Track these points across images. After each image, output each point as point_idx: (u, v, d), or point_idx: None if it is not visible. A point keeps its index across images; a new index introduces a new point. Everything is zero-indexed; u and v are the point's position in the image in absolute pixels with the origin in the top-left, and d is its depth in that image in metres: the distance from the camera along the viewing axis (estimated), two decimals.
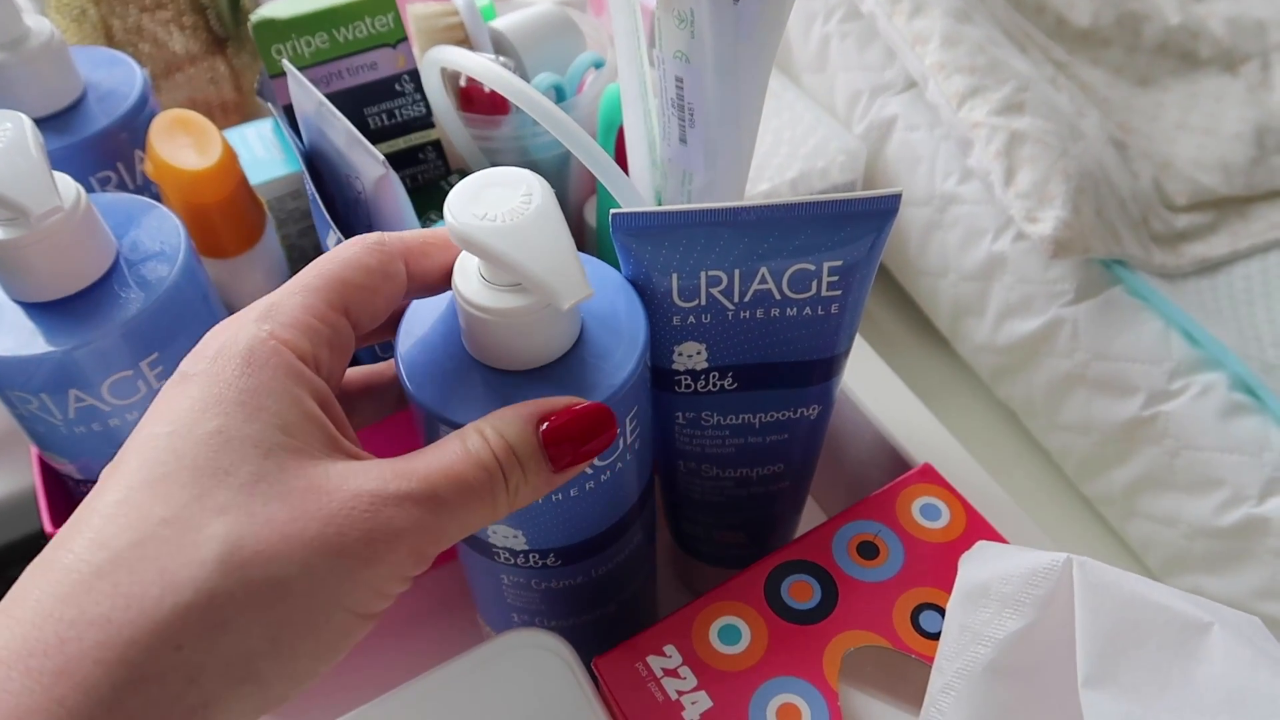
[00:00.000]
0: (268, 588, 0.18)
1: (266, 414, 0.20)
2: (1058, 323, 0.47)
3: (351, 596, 0.20)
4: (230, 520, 0.19)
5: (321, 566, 0.19)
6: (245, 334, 0.21)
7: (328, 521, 0.19)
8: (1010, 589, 0.23)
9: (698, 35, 0.29)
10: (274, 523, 0.19)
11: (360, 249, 0.24)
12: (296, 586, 0.19)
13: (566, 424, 0.23)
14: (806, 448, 0.35)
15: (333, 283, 0.23)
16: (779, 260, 0.28)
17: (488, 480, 0.22)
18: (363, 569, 0.20)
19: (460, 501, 0.21)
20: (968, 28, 0.52)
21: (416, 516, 0.20)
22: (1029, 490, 0.50)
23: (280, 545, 0.19)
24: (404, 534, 0.20)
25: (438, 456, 0.22)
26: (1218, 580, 0.43)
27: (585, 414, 0.23)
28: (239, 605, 0.18)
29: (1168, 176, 0.54)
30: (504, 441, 0.22)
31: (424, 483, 0.21)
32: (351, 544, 0.19)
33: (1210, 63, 0.62)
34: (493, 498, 0.22)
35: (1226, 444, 0.42)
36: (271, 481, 0.19)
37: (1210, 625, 0.21)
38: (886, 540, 0.31)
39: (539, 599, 0.31)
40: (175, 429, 0.20)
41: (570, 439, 0.23)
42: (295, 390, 0.21)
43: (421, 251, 0.25)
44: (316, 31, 0.37)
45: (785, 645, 0.28)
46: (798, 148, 0.54)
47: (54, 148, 0.36)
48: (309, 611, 0.19)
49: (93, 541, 0.18)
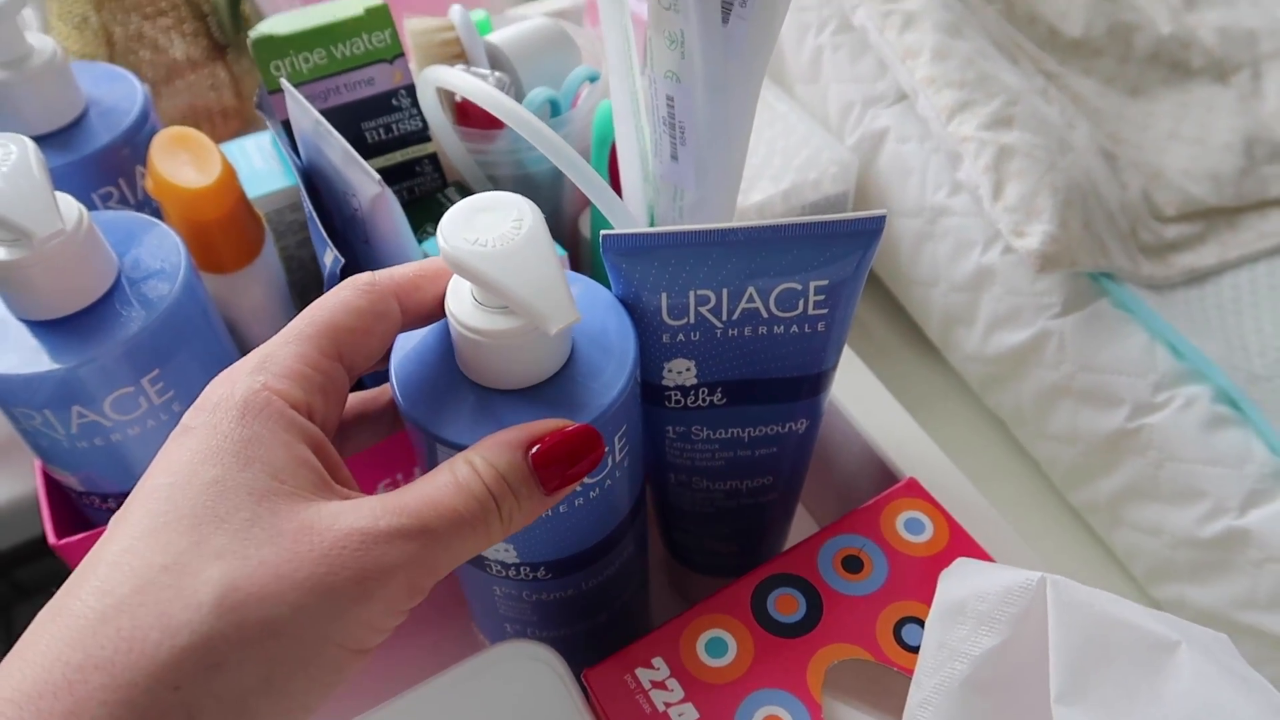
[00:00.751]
0: (261, 628, 0.19)
1: (260, 462, 0.21)
2: (1045, 335, 0.48)
3: (343, 633, 0.20)
4: (225, 565, 0.19)
5: (313, 606, 0.20)
6: (241, 386, 0.22)
7: (319, 561, 0.20)
8: (986, 607, 0.23)
9: (688, 55, 0.29)
10: (267, 565, 0.20)
11: (351, 292, 0.24)
12: (289, 626, 0.19)
13: (555, 447, 0.23)
14: (795, 460, 0.35)
15: (325, 330, 0.23)
16: (766, 279, 0.28)
17: (480, 510, 0.22)
18: (354, 606, 0.20)
19: (453, 533, 0.22)
20: (958, 41, 0.52)
21: (408, 551, 0.21)
22: (1016, 498, 0.51)
23: (273, 586, 0.19)
24: (396, 569, 0.21)
25: (428, 489, 0.22)
26: (1200, 590, 0.43)
27: (573, 436, 0.24)
28: (233, 646, 0.19)
29: (1157, 187, 0.55)
30: (494, 470, 0.23)
31: (415, 517, 0.21)
32: (343, 583, 0.20)
33: (1201, 72, 0.62)
34: (486, 526, 0.22)
35: (1209, 456, 0.43)
36: (265, 525, 0.20)
37: (1178, 644, 0.22)
38: (871, 554, 0.31)
39: (530, 610, 0.32)
40: (175, 480, 0.21)
41: (559, 461, 0.23)
42: (287, 437, 0.22)
43: (414, 286, 0.26)
44: (315, 48, 0.37)
45: (771, 658, 0.29)
46: (790, 159, 0.54)
47: (56, 165, 0.37)
48: (301, 649, 0.20)
49: (98, 589, 0.19)
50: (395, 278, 0.25)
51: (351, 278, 0.25)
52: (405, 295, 0.25)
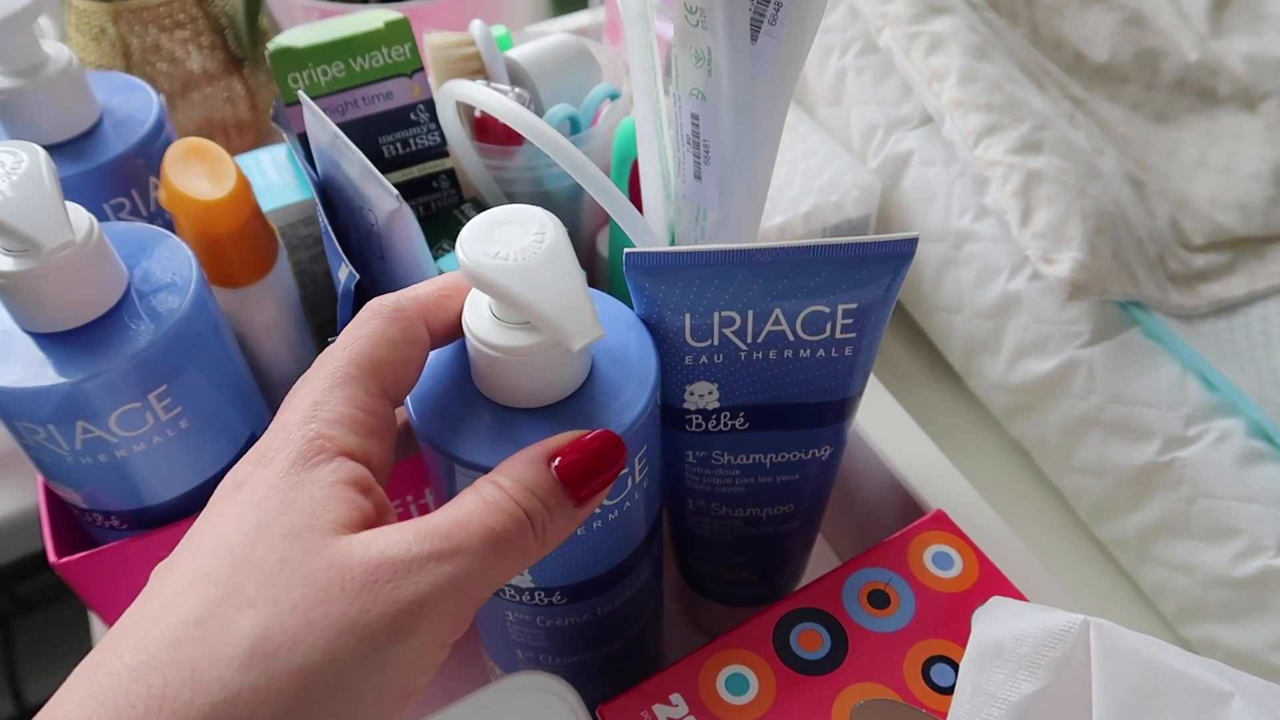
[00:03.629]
0: (293, 678, 0.18)
1: (300, 504, 0.20)
2: (1073, 364, 0.46)
3: (382, 677, 0.19)
4: (257, 613, 0.19)
5: (346, 650, 0.19)
6: (293, 437, 0.22)
7: (352, 600, 0.19)
8: (1025, 650, 0.22)
9: (714, 74, 0.29)
10: (299, 609, 0.19)
11: (382, 324, 0.24)
12: (323, 674, 0.19)
13: (579, 457, 0.23)
14: (817, 488, 0.34)
15: (368, 369, 0.23)
16: (793, 301, 0.28)
17: (514, 525, 0.21)
18: (392, 645, 0.19)
19: (490, 550, 0.21)
20: (985, 64, 0.52)
21: (444, 574, 0.20)
22: (1041, 531, 0.50)
23: (305, 632, 0.19)
24: (433, 597, 0.20)
25: (458, 510, 0.21)
26: (1233, 630, 0.42)
27: (594, 442, 0.23)
28: (264, 699, 0.18)
29: (1185, 215, 0.54)
30: (521, 485, 0.22)
31: (447, 539, 0.21)
32: (376, 619, 0.19)
33: (1229, 100, 0.61)
34: (523, 542, 0.22)
35: (1244, 493, 0.42)
36: (296, 565, 0.19)
37: (1231, 695, 0.21)
38: (898, 589, 0.30)
39: (544, 636, 0.31)
40: (220, 532, 0.20)
41: (583, 471, 0.23)
42: (334, 479, 0.21)
43: (439, 306, 0.25)
44: (333, 60, 0.37)
45: (794, 696, 0.28)
46: (812, 181, 0.54)
47: (69, 174, 0.36)
48: (337, 697, 0.19)
49: (135, 645, 0.19)
50: (421, 300, 0.25)
51: (376, 303, 0.24)
52: (431, 316, 0.25)
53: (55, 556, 0.32)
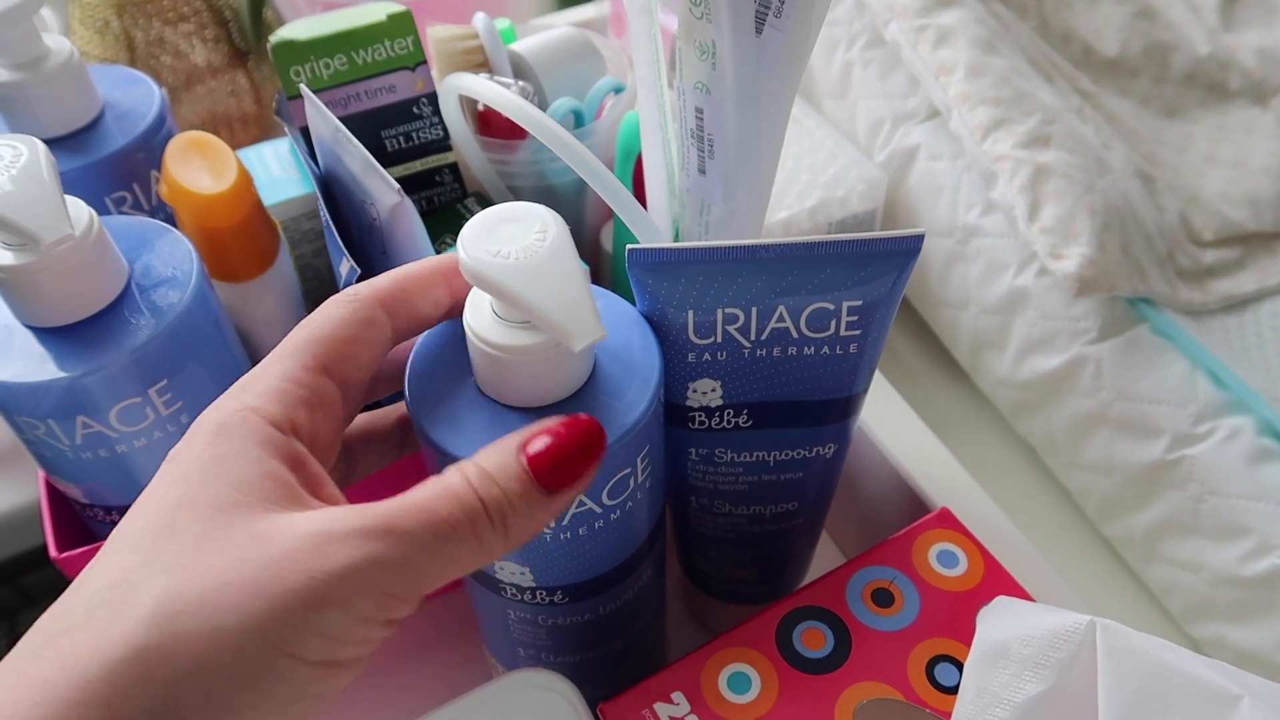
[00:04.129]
0: (199, 638, 0.18)
1: (225, 477, 0.20)
2: (1081, 361, 0.46)
3: (296, 642, 0.19)
4: (168, 576, 0.19)
5: (256, 614, 0.18)
6: (219, 410, 0.22)
7: (266, 566, 0.19)
8: (1030, 651, 0.22)
9: (719, 67, 0.28)
10: (210, 573, 0.19)
11: (331, 304, 0.24)
12: (231, 637, 0.18)
13: (549, 445, 0.22)
14: (821, 486, 0.34)
15: (307, 343, 0.23)
16: (797, 298, 0.27)
17: (460, 510, 0.21)
18: (306, 611, 0.19)
19: (429, 534, 0.20)
20: (993, 58, 0.51)
21: (368, 551, 0.20)
22: (1047, 528, 0.49)
23: (215, 595, 0.18)
24: (353, 571, 0.19)
25: (410, 493, 0.21)
26: (1241, 630, 0.41)
27: (568, 429, 0.22)
28: (167, 658, 0.18)
29: (1195, 210, 0.53)
30: (482, 471, 0.21)
31: (380, 518, 0.20)
32: (290, 585, 0.19)
33: (1240, 94, 0.61)
34: (474, 529, 0.21)
35: (1253, 491, 0.41)
36: (216, 536, 0.19)
37: (1240, 698, 0.20)
38: (902, 588, 0.30)
39: (545, 635, 0.31)
40: (147, 503, 0.21)
41: (557, 458, 0.22)
42: (259, 453, 0.21)
43: (400, 292, 0.25)
44: (335, 54, 0.37)
45: (796, 695, 0.28)
46: (818, 175, 0.53)
47: (70, 168, 0.36)
48: (246, 660, 0.19)
49: (54, 613, 0.19)
50: (377, 286, 0.25)
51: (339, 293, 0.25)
52: (393, 303, 0.25)
53: (56, 551, 0.32)
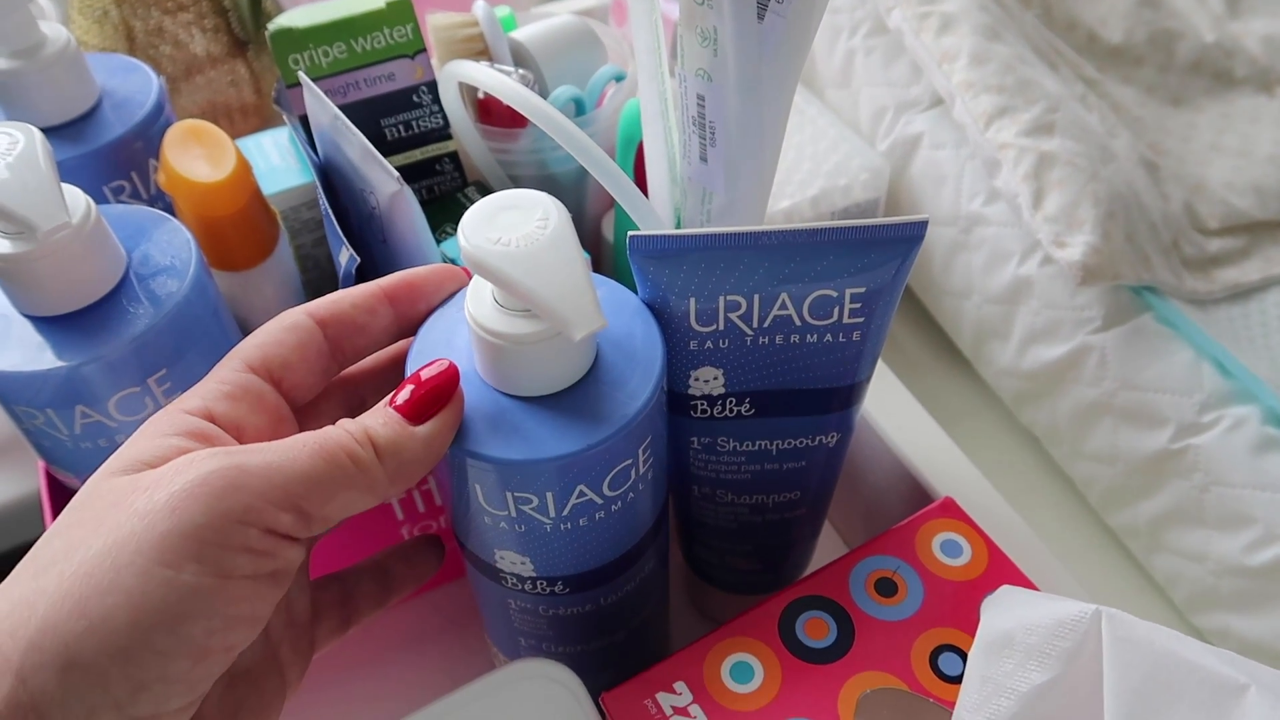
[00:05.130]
0: (75, 577, 0.20)
1: (128, 453, 0.22)
2: (1085, 350, 0.46)
3: (172, 557, 0.20)
4: (60, 537, 0.21)
5: (123, 537, 0.20)
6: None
7: (135, 499, 0.20)
8: (1035, 640, 0.22)
9: (721, 53, 0.28)
10: (89, 522, 0.21)
11: (271, 320, 0.26)
12: (101, 569, 0.20)
13: (412, 394, 0.24)
14: (824, 475, 0.34)
15: (235, 350, 0.25)
16: (800, 285, 0.27)
17: (329, 432, 0.23)
18: (171, 519, 0.20)
19: (295, 446, 0.22)
20: (997, 45, 0.51)
21: (223, 461, 0.21)
22: (1051, 518, 0.49)
23: (90, 537, 0.20)
24: (211, 479, 0.20)
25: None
26: (1246, 620, 0.41)
27: (428, 376, 0.24)
28: (47, 597, 0.20)
29: (1200, 199, 0.53)
30: (356, 421, 0.24)
31: (216, 441, 0.23)
32: (154, 505, 0.20)
33: (1245, 82, 0.60)
34: (342, 447, 0.22)
35: (1258, 480, 0.41)
36: (103, 493, 0.21)
37: (1246, 687, 0.20)
38: (905, 577, 0.30)
39: (546, 625, 0.31)
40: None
41: (420, 404, 0.24)
42: (157, 431, 0.23)
43: (331, 302, 0.26)
44: (334, 41, 0.36)
45: (799, 684, 0.28)
46: (820, 164, 0.53)
47: (67, 156, 0.36)
48: (117, 592, 0.19)
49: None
50: (323, 305, 0.26)
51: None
52: (320, 309, 0.26)
53: None
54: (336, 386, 0.28)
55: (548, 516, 0.26)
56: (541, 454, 0.24)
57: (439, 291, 0.27)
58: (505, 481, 0.25)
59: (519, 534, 0.27)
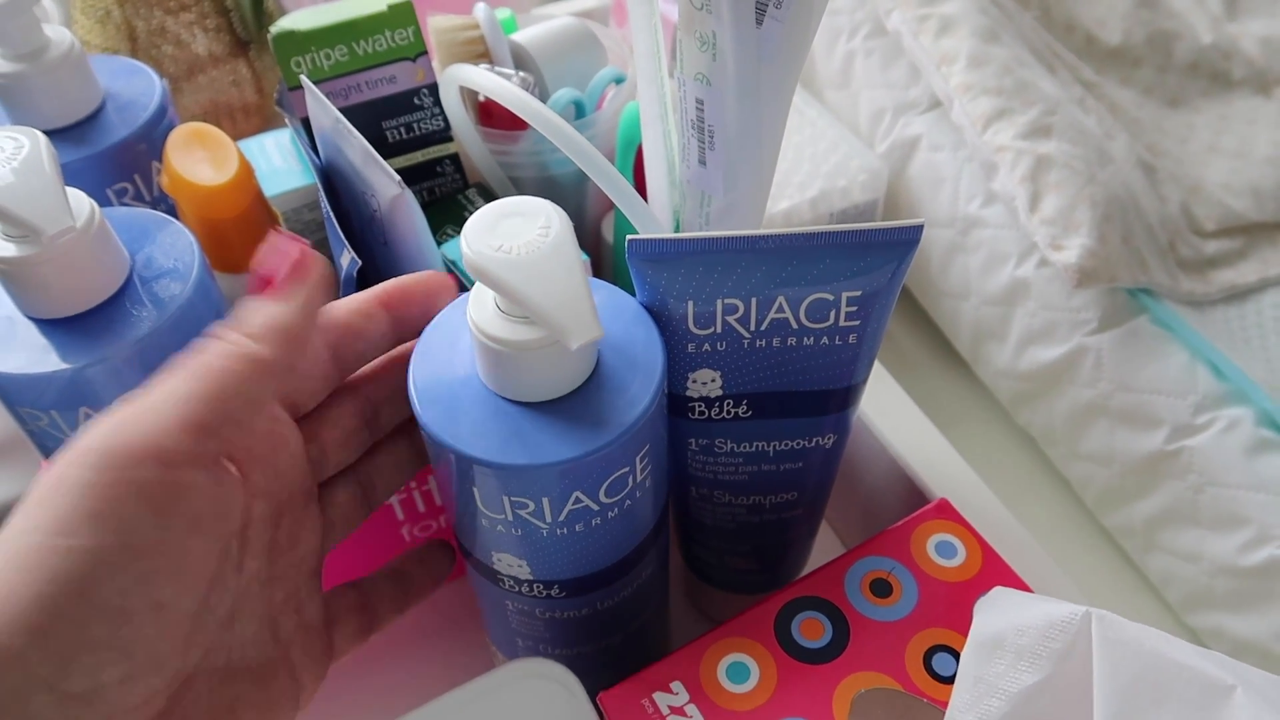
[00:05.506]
0: (19, 518, 0.20)
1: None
2: (1081, 351, 0.46)
3: (121, 437, 0.21)
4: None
5: (18, 514, 0.20)
6: None
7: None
8: (1026, 641, 0.22)
9: (719, 58, 0.28)
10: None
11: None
12: (44, 482, 0.20)
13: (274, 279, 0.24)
14: (821, 476, 0.34)
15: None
16: (797, 289, 0.28)
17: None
18: (54, 494, 0.20)
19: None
20: (995, 47, 0.51)
21: (100, 424, 0.21)
22: (1046, 519, 0.49)
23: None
24: (86, 446, 0.21)
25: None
26: (1239, 620, 0.42)
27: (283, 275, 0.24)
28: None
29: (1197, 201, 0.53)
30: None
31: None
32: (40, 482, 0.21)
33: (1243, 84, 0.60)
34: (216, 351, 0.23)
35: (1252, 482, 0.41)
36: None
37: (1233, 688, 0.21)
38: (900, 578, 0.30)
39: (543, 627, 0.31)
40: None
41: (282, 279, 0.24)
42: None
43: (332, 313, 0.27)
44: (336, 44, 0.37)
45: (795, 684, 0.28)
46: (819, 166, 0.53)
47: (71, 159, 0.36)
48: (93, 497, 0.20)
49: None
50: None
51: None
52: (329, 329, 0.26)
53: None
54: (345, 392, 0.28)
55: (544, 521, 0.26)
56: (537, 459, 0.24)
57: (431, 297, 0.28)
58: (502, 486, 0.25)
59: (516, 537, 0.27)
